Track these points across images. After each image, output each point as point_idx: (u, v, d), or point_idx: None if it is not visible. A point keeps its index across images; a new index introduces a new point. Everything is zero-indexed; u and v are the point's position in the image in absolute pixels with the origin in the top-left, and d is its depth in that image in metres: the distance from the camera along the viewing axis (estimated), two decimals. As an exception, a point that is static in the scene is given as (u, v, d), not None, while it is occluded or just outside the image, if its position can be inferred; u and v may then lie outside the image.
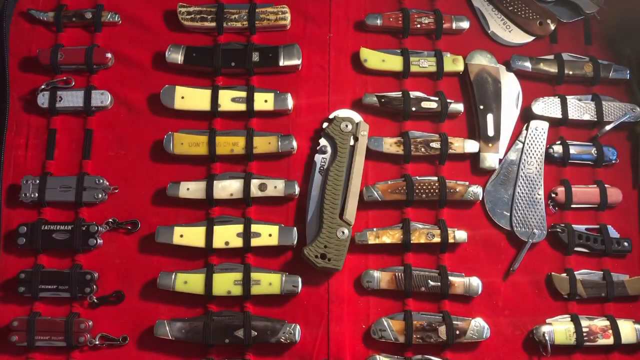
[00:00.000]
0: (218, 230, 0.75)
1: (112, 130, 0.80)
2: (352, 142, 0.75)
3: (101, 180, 0.77)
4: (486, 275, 0.77)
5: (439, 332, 0.73)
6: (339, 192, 0.73)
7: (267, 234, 0.74)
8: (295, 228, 0.75)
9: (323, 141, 0.76)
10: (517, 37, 0.86)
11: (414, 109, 0.80)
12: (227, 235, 0.75)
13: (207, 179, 0.77)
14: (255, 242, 0.74)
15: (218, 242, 0.75)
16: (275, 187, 0.76)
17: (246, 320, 0.72)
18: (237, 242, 0.74)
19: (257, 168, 0.78)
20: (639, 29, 0.85)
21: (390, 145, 0.79)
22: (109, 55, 0.81)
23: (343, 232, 0.73)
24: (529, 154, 0.80)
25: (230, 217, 0.76)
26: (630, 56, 0.86)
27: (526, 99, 0.83)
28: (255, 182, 0.76)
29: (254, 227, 0.75)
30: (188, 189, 0.76)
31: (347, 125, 0.74)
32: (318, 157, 0.76)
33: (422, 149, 0.79)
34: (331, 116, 0.78)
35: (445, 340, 0.73)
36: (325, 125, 0.77)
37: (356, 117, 0.78)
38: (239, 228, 0.75)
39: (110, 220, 0.76)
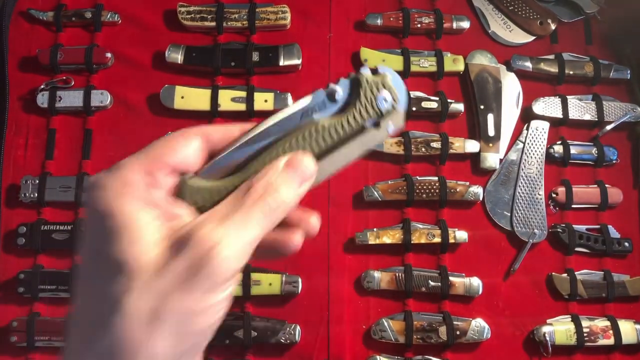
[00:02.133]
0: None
1: (111, 130, 0.80)
2: (368, 124, 0.39)
3: (101, 181, 0.76)
4: (487, 275, 0.77)
5: (439, 332, 0.73)
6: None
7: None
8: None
9: (340, 87, 0.38)
10: (518, 36, 0.86)
11: (414, 108, 0.80)
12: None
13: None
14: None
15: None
16: None
17: (246, 321, 0.72)
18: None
19: (257, 168, 0.78)
20: (639, 28, 0.85)
21: (390, 145, 0.78)
22: (108, 55, 0.80)
23: None
24: (530, 154, 0.80)
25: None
26: (631, 56, 0.85)
27: (527, 99, 0.82)
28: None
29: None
30: None
31: (385, 99, 0.39)
32: (315, 97, 0.38)
33: (423, 149, 0.79)
34: (380, 69, 0.39)
35: (445, 341, 0.73)
36: (364, 71, 0.39)
37: (402, 100, 0.39)
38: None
39: (109, 220, 0.76)
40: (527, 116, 0.82)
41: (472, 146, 0.79)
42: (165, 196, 0.32)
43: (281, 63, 0.79)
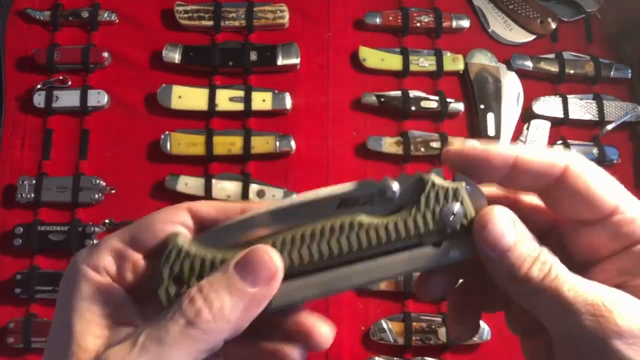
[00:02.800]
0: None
1: (108, 130, 0.79)
2: (426, 239, 0.30)
3: (97, 181, 0.76)
4: (486, 276, 0.76)
5: (438, 333, 0.73)
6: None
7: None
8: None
9: (398, 183, 0.31)
10: (518, 35, 0.85)
11: (413, 108, 0.79)
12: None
13: (205, 176, 0.76)
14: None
15: (216, 243, 0.74)
16: (274, 195, 0.75)
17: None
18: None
19: (255, 169, 0.78)
20: (640, 27, 0.85)
21: (389, 145, 0.78)
22: (105, 54, 0.80)
23: None
24: (530, 153, 0.80)
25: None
26: (632, 55, 0.85)
27: (527, 98, 0.82)
28: (253, 188, 0.75)
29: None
30: (186, 183, 0.76)
31: (453, 214, 0.30)
32: (363, 187, 0.30)
33: (422, 149, 0.78)
34: (458, 178, 0.33)
35: (445, 342, 0.72)
36: (434, 173, 0.33)
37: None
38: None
39: (106, 221, 0.76)
40: (527, 116, 0.82)
41: (471, 146, 0.79)
42: (135, 282, 0.28)
43: (279, 62, 0.79)
